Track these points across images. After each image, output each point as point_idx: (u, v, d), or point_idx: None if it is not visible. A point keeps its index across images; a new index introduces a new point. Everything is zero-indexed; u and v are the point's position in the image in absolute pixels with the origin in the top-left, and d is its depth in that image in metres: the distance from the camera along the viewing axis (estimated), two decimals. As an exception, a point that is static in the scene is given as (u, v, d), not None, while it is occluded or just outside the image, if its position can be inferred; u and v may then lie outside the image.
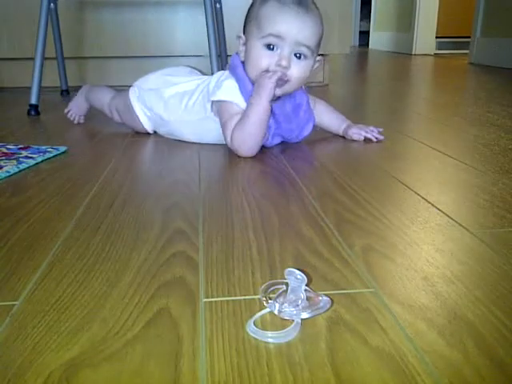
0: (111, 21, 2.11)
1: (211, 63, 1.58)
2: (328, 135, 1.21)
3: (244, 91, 1.02)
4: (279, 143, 1.11)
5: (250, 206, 0.73)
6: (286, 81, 0.98)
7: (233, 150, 1.02)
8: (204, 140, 1.14)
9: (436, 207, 0.72)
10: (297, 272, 0.45)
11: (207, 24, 1.56)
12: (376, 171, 0.92)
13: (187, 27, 2.15)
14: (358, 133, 1.16)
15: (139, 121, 1.22)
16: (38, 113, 1.55)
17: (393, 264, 0.55)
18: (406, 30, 4.68)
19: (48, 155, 1.01)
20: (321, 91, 2.01)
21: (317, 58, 1.04)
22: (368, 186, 0.82)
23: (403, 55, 4.49)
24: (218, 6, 1.89)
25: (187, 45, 2.15)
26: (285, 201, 0.76)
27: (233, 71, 1.05)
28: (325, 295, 0.47)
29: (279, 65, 0.97)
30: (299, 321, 0.43)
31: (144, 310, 0.46)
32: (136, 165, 1.00)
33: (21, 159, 0.97)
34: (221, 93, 1.02)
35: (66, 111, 1.41)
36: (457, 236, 0.62)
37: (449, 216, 0.68)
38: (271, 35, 0.96)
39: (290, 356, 0.39)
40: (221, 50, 1.89)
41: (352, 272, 0.53)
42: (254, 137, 0.99)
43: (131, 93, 1.22)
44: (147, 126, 1.22)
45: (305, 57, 0.99)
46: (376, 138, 1.14)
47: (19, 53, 2.05)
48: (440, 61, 3.89)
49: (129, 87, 1.24)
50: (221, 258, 0.56)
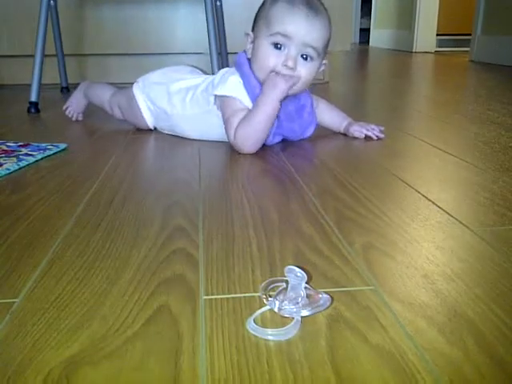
0: (111, 18, 2.11)
1: (211, 61, 1.58)
2: (328, 133, 1.21)
3: (249, 88, 1.02)
4: (280, 141, 1.11)
5: (250, 204, 0.73)
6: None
7: (234, 146, 1.02)
8: (205, 136, 1.14)
9: (436, 205, 0.72)
10: (297, 269, 0.45)
11: (207, 21, 1.56)
12: (376, 169, 0.92)
13: (187, 25, 2.15)
14: (359, 130, 1.16)
15: (141, 115, 1.21)
16: (38, 110, 1.55)
17: (393, 262, 0.55)
18: (407, 28, 4.67)
19: (48, 152, 1.01)
20: (321, 88, 2.01)
21: (323, 61, 1.04)
22: (368, 184, 0.82)
23: (404, 53, 4.49)
24: (219, 4, 1.89)
25: (187, 42, 2.15)
26: (285, 198, 0.76)
27: (238, 68, 1.05)
28: (325, 293, 0.46)
29: (285, 65, 0.97)
30: (299, 318, 0.43)
31: (144, 308, 0.46)
32: (136, 162, 1.00)
33: (21, 156, 0.97)
34: (225, 88, 1.02)
35: (65, 108, 1.40)
36: (457, 234, 0.62)
37: (449, 214, 0.68)
38: (279, 34, 0.96)
39: (290, 353, 0.39)
40: (221, 48, 1.89)
41: (352, 270, 0.53)
42: (259, 134, 0.99)
43: (135, 86, 1.22)
44: (149, 121, 1.22)
45: (311, 58, 1.00)
46: (377, 137, 1.14)
47: (19, 50, 2.05)
48: (440, 58, 3.89)
49: (129, 84, 1.24)
50: (221, 256, 0.56)
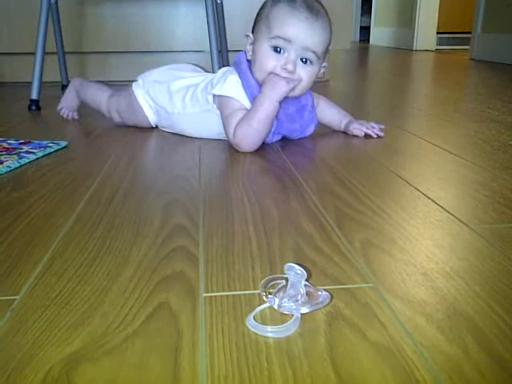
0: (112, 16, 2.10)
1: (212, 59, 1.57)
2: (328, 131, 1.21)
3: (247, 88, 1.02)
4: (279, 139, 1.11)
5: (250, 201, 0.73)
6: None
7: (233, 145, 1.02)
8: (205, 135, 1.14)
9: (436, 203, 0.72)
10: (296, 267, 0.45)
11: (208, 19, 1.56)
12: (376, 167, 0.92)
13: (188, 22, 2.14)
14: (359, 128, 1.16)
15: (143, 113, 1.21)
16: (39, 108, 1.55)
17: (392, 259, 0.55)
18: (407, 26, 4.67)
19: (49, 150, 1.01)
20: (321, 87, 2.01)
21: (323, 64, 1.04)
22: (368, 182, 0.82)
23: (404, 51, 4.49)
24: (219, 2, 1.89)
25: (188, 40, 2.15)
26: (285, 196, 0.76)
27: (237, 67, 1.05)
28: (324, 290, 0.47)
29: (285, 68, 0.97)
30: (299, 315, 0.43)
31: (144, 305, 0.46)
32: (137, 160, 1.00)
33: (22, 154, 0.97)
34: (223, 88, 1.02)
35: (59, 108, 1.40)
36: (456, 231, 0.62)
37: (448, 211, 0.69)
38: (279, 37, 0.96)
39: (290, 351, 0.39)
40: (221, 46, 1.89)
41: (351, 267, 0.53)
42: (259, 134, 1.00)
43: (135, 85, 1.21)
44: (151, 119, 1.22)
45: (311, 62, 1.00)
46: (376, 135, 1.14)
47: (20, 47, 2.04)
48: (441, 56, 3.88)
49: (129, 82, 1.24)
50: (221, 253, 0.57)
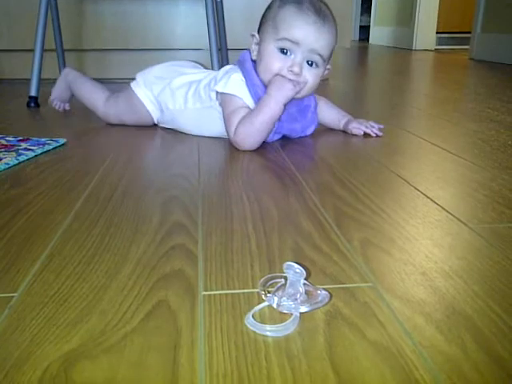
0: (111, 13, 2.10)
1: (211, 57, 1.57)
2: (328, 130, 1.20)
3: (251, 87, 1.02)
4: (279, 138, 1.11)
5: (250, 200, 0.73)
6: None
7: (233, 143, 1.02)
8: (206, 132, 1.13)
9: (435, 202, 0.72)
10: (295, 266, 0.45)
11: (207, 17, 1.56)
12: (375, 166, 0.92)
13: (188, 20, 2.14)
14: (358, 127, 1.16)
15: (145, 109, 1.19)
16: (38, 105, 1.55)
17: (391, 258, 0.55)
18: (407, 25, 4.67)
19: (47, 147, 1.01)
20: (321, 86, 1.99)
21: (327, 67, 1.04)
22: (367, 181, 0.82)
23: (403, 50, 4.49)
24: (219, 0, 1.89)
25: (187, 38, 2.15)
26: (284, 195, 0.76)
27: (241, 66, 1.05)
28: (323, 289, 0.47)
29: (291, 70, 0.97)
30: (298, 314, 0.43)
31: (143, 303, 0.46)
32: (135, 157, 1.00)
33: (20, 151, 0.96)
34: (227, 85, 1.02)
35: (51, 99, 1.38)
36: (455, 231, 0.62)
37: (447, 211, 0.68)
38: (286, 39, 0.96)
39: (289, 349, 0.39)
40: (221, 44, 1.88)
41: (351, 266, 0.53)
42: (260, 134, 1.00)
43: (134, 83, 1.21)
44: (154, 115, 1.20)
45: (317, 65, 1.00)
46: (375, 134, 1.14)
47: (19, 44, 2.04)
48: (440, 56, 3.88)
49: (128, 80, 1.24)
50: (220, 251, 0.56)
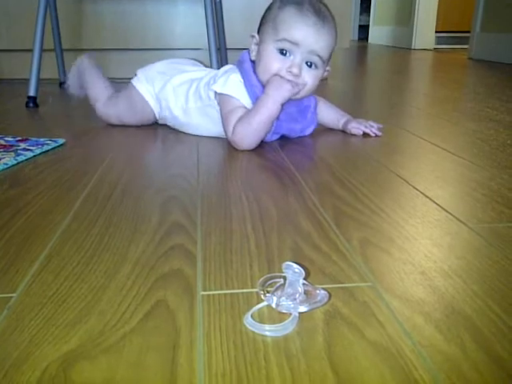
0: (110, 13, 2.10)
1: (210, 57, 1.57)
2: (327, 129, 1.20)
3: (249, 87, 1.02)
4: (278, 138, 1.11)
5: (249, 200, 0.73)
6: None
7: (231, 142, 1.02)
8: (205, 132, 1.13)
9: (434, 202, 0.72)
10: (295, 266, 0.45)
11: (206, 17, 1.56)
12: (375, 166, 0.92)
13: (186, 20, 2.14)
14: (357, 127, 1.16)
15: (147, 104, 1.19)
16: (37, 105, 1.55)
17: (390, 258, 0.55)
18: (406, 25, 4.67)
19: (46, 147, 1.01)
20: (320, 86, 2.00)
21: (327, 68, 1.04)
22: (366, 181, 0.82)
23: (402, 50, 4.49)
24: (218, 0, 1.89)
25: (186, 38, 2.15)
26: (283, 194, 0.76)
27: (240, 66, 1.05)
28: (322, 289, 0.47)
29: (290, 71, 0.97)
30: (297, 314, 0.43)
31: (142, 303, 0.46)
32: (134, 157, 1.00)
33: (19, 151, 0.96)
34: (225, 86, 1.02)
35: (67, 85, 1.32)
36: (455, 230, 0.62)
37: (447, 211, 0.68)
38: (286, 40, 0.96)
39: (288, 349, 0.39)
40: (220, 44, 1.88)
41: (350, 266, 0.53)
42: (258, 133, 1.00)
43: (136, 79, 1.20)
44: (155, 109, 1.19)
45: (316, 66, 1.00)
46: (374, 134, 1.14)
47: (18, 44, 2.04)
48: (439, 55, 3.88)
49: (128, 79, 1.24)
50: (219, 251, 0.56)
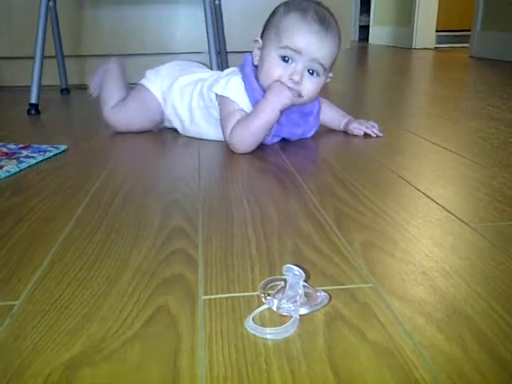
0: (110, 19, 2.10)
1: (211, 60, 1.57)
2: (328, 130, 1.20)
3: (249, 91, 1.02)
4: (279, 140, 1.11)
5: (250, 203, 0.73)
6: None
7: (229, 145, 1.02)
8: (204, 135, 1.14)
9: (435, 202, 0.72)
10: (295, 268, 0.45)
11: (206, 21, 1.56)
12: (376, 166, 0.92)
13: (186, 24, 2.15)
14: (358, 128, 1.16)
15: (157, 102, 1.18)
16: (39, 112, 1.55)
17: (392, 259, 0.55)
18: (406, 24, 4.66)
19: (48, 154, 1.01)
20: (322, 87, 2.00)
21: (329, 75, 1.05)
22: (368, 182, 0.82)
23: (403, 49, 4.48)
24: (217, 3, 1.89)
25: (187, 42, 2.15)
26: (284, 197, 0.76)
27: (241, 69, 1.06)
28: (323, 291, 0.47)
29: (291, 79, 0.97)
30: (297, 317, 0.43)
31: (143, 308, 0.46)
32: (135, 163, 1.00)
33: (21, 159, 0.97)
34: (226, 89, 1.03)
35: (90, 83, 1.30)
36: (456, 230, 0.62)
37: (448, 210, 0.68)
38: (288, 48, 0.97)
39: (289, 352, 0.39)
40: (220, 47, 1.89)
41: (351, 267, 0.53)
42: (255, 138, 1.00)
43: (145, 79, 1.21)
44: (163, 108, 1.19)
45: (318, 74, 1.00)
46: (375, 134, 1.14)
47: (19, 51, 2.04)
48: (440, 55, 3.88)
49: (130, 84, 1.24)
50: (220, 255, 0.57)
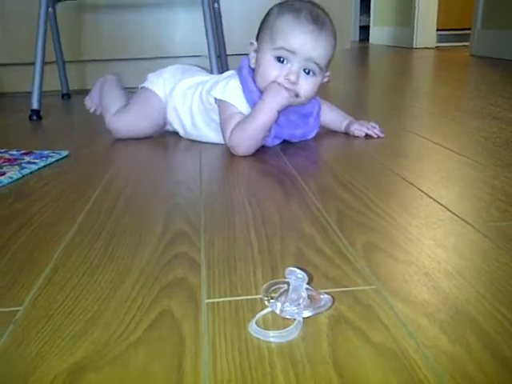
0: (110, 24, 2.11)
1: (211, 63, 1.58)
2: (329, 132, 1.20)
3: (247, 93, 1.02)
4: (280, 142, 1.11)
5: (252, 206, 0.73)
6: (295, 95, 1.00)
7: (229, 148, 1.02)
8: (206, 138, 1.14)
9: (438, 202, 0.72)
10: (298, 271, 0.45)
11: (205, 24, 1.56)
12: (377, 167, 0.92)
13: (186, 27, 2.15)
14: (360, 129, 1.16)
15: (161, 104, 1.18)
16: (40, 117, 1.56)
17: (394, 260, 0.55)
18: (407, 24, 4.66)
19: (50, 160, 1.01)
20: (321, 87, 2.00)
21: (326, 74, 1.05)
22: (370, 183, 0.82)
23: (404, 49, 4.48)
24: (216, 6, 1.89)
25: (186, 45, 2.16)
26: (286, 199, 0.76)
27: (239, 72, 1.06)
28: (326, 293, 0.47)
29: (287, 79, 0.97)
30: (301, 319, 0.43)
31: (146, 313, 0.46)
32: (137, 167, 1.00)
33: (23, 165, 0.97)
34: (224, 92, 1.03)
35: (86, 98, 1.34)
36: (459, 231, 0.62)
37: (450, 211, 0.68)
38: (283, 49, 0.97)
39: (292, 355, 0.39)
40: (220, 50, 1.89)
41: (353, 269, 0.53)
42: (254, 140, 1.00)
43: (148, 82, 1.21)
44: (166, 110, 1.19)
45: (313, 73, 1.00)
46: (377, 135, 1.14)
47: (19, 58, 2.05)
48: (441, 54, 3.88)
49: (131, 89, 1.24)
50: (222, 259, 0.57)
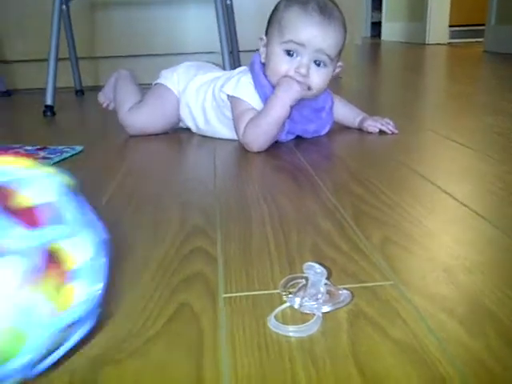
0: (122, 20, 2.12)
1: (223, 60, 1.58)
2: (343, 128, 1.20)
3: (259, 88, 1.02)
4: (294, 137, 1.11)
5: (267, 201, 0.73)
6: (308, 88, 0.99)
7: (243, 144, 1.02)
8: (220, 135, 1.14)
9: (453, 197, 0.71)
10: (316, 266, 0.45)
11: (218, 20, 1.56)
12: (392, 163, 0.91)
13: (198, 24, 2.15)
14: (373, 125, 1.15)
15: (175, 99, 1.18)
16: (54, 113, 1.57)
17: (411, 255, 0.55)
18: (419, 20, 4.63)
19: (65, 155, 1.02)
20: (334, 84, 1.99)
21: (338, 64, 1.04)
22: (384, 178, 0.82)
23: (416, 45, 4.45)
24: (229, 2, 1.89)
25: (199, 42, 2.16)
26: (301, 195, 0.76)
27: (250, 67, 1.06)
28: (345, 289, 0.47)
29: (298, 72, 0.97)
30: (320, 315, 0.43)
31: (165, 306, 0.46)
32: (151, 163, 1.01)
33: (38, 160, 0.98)
34: (236, 88, 1.03)
35: (99, 94, 1.35)
36: (475, 225, 0.62)
37: (466, 206, 0.68)
38: (292, 42, 0.97)
39: (312, 350, 0.39)
40: (232, 47, 1.89)
41: (371, 264, 0.53)
42: (268, 136, 1.00)
43: (162, 78, 1.21)
44: (179, 106, 1.19)
45: (324, 64, 0.99)
46: (391, 131, 1.14)
47: (33, 55, 2.07)
48: (454, 50, 3.85)
49: (145, 85, 1.25)
50: (239, 254, 0.57)
